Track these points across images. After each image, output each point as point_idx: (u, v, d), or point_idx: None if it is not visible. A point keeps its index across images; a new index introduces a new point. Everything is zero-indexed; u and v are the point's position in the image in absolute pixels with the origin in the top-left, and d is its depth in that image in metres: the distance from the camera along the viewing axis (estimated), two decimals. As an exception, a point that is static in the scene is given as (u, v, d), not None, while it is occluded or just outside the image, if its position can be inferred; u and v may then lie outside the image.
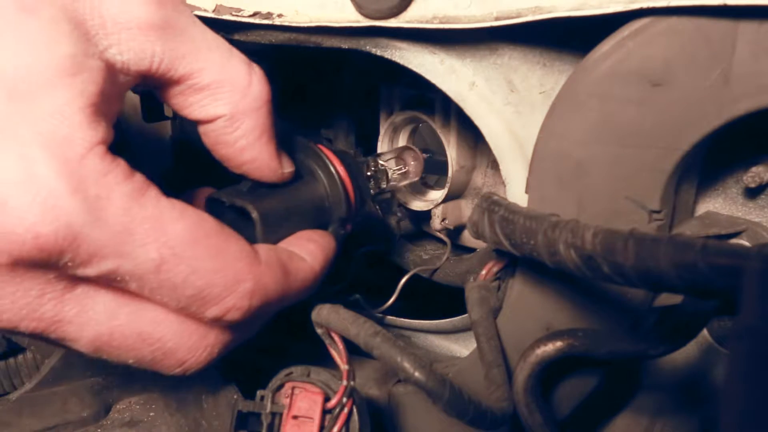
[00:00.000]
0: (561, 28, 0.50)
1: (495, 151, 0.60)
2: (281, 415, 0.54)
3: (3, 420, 0.71)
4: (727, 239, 0.53)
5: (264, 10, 0.61)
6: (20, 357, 0.85)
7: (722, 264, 0.36)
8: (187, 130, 0.89)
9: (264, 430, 0.53)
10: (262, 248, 0.51)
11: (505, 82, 0.58)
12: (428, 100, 0.76)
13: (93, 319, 0.45)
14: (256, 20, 0.61)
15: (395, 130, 0.81)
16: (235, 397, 0.62)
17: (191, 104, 0.50)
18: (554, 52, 0.57)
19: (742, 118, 0.45)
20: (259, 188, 0.58)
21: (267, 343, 0.77)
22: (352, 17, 0.58)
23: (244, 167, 0.55)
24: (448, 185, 0.76)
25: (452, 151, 0.75)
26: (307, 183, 0.62)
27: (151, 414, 0.76)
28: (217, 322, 0.49)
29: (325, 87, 0.85)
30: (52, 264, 0.40)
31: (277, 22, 0.61)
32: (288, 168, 0.58)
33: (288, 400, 0.55)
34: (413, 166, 0.77)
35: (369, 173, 0.71)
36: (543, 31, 0.52)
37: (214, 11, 0.63)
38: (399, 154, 0.77)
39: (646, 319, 0.54)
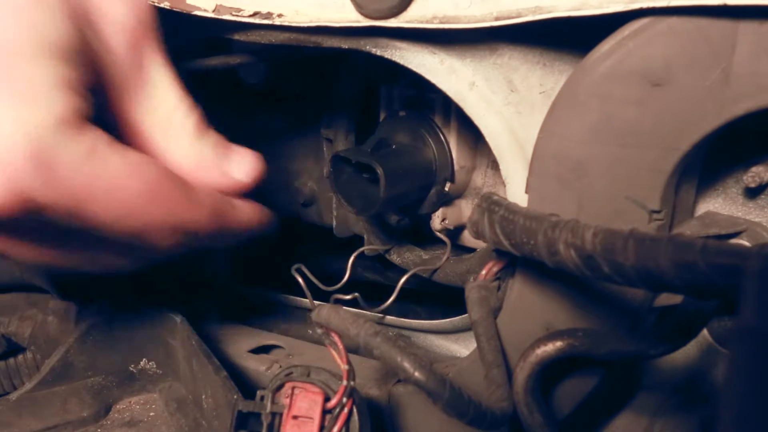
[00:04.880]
0: (561, 28, 0.50)
1: (495, 151, 0.60)
2: (281, 415, 0.54)
3: (3, 420, 0.71)
4: (727, 239, 0.53)
5: (264, 10, 0.61)
6: (20, 357, 0.85)
7: (722, 264, 0.36)
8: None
9: (264, 430, 0.53)
10: (202, 191, 0.56)
11: (505, 82, 0.58)
12: (428, 100, 0.76)
13: None
14: (256, 20, 0.61)
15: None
16: (235, 397, 0.62)
17: None
18: (554, 52, 0.57)
19: (742, 118, 0.45)
20: (381, 149, 0.71)
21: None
22: (352, 17, 0.58)
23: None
24: (448, 185, 0.76)
25: (452, 151, 0.75)
26: (419, 148, 0.74)
27: (151, 414, 0.76)
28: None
29: (325, 87, 0.85)
30: (13, 221, 0.45)
31: (277, 22, 0.61)
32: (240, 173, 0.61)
33: (288, 400, 0.55)
34: None
35: None
36: (543, 31, 0.52)
37: (214, 11, 0.63)
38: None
39: (646, 319, 0.54)
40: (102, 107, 0.51)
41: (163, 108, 0.55)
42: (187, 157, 0.56)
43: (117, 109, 0.54)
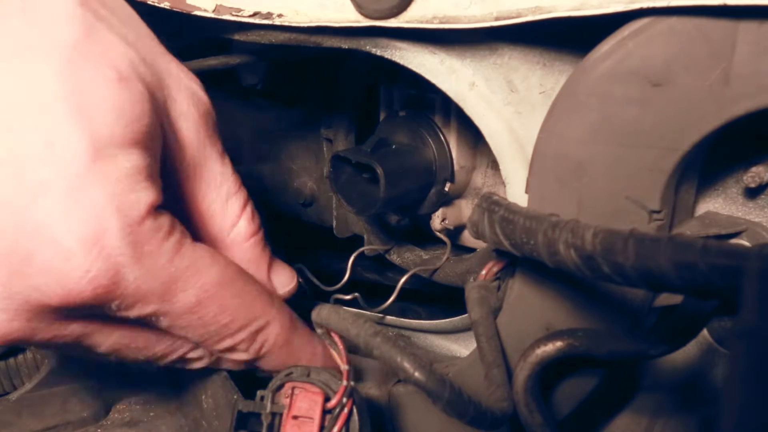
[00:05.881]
0: (561, 28, 0.50)
1: (495, 151, 0.60)
2: (281, 415, 0.54)
3: (3, 420, 0.71)
4: (727, 239, 0.53)
5: (264, 10, 0.61)
6: (20, 357, 0.85)
7: (722, 264, 0.36)
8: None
9: (264, 430, 0.53)
10: (277, 297, 0.58)
11: (505, 82, 0.58)
12: (428, 100, 0.76)
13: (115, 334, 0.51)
14: (256, 20, 0.61)
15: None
16: (235, 397, 0.62)
17: None
18: (554, 52, 0.57)
19: (742, 118, 0.45)
20: (381, 149, 0.71)
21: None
22: (352, 17, 0.58)
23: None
24: (448, 185, 0.76)
25: (452, 151, 0.75)
26: (418, 148, 0.74)
27: (151, 414, 0.76)
28: (220, 353, 0.55)
29: (325, 87, 0.85)
30: (99, 307, 0.45)
31: (277, 22, 0.61)
32: (285, 287, 0.63)
33: (288, 400, 0.55)
34: None
35: None
36: (543, 31, 0.52)
37: (214, 11, 0.63)
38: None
39: (646, 319, 0.54)
40: (166, 193, 0.51)
41: (222, 197, 0.56)
42: (241, 260, 0.57)
43: (180, 196, 0.55)
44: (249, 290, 0.53)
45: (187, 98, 0.53)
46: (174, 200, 0.53)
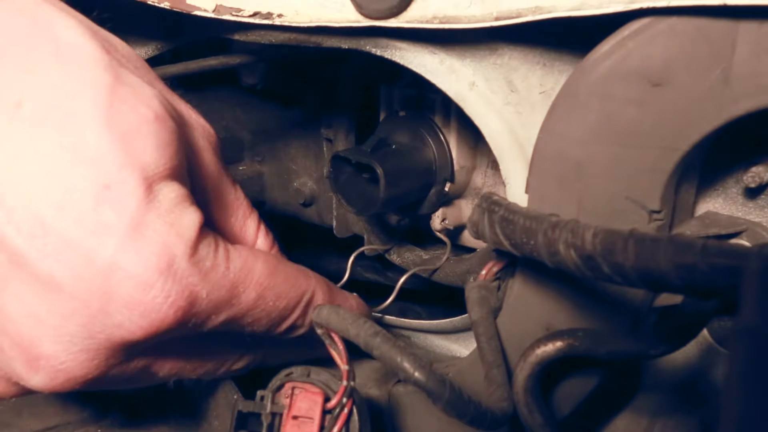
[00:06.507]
0: (561, 28, 0.50)
1: (495, 151, 0.60)
2: (281, 415, 0.54)
3: (3, 420, 0.71)
4: (727, 239, 0.53)
5: (264, 10, 0.61)
6: (20, 357, 0.85)
7: (722, 264, 0.36)
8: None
9: (264, 430, 0.53)
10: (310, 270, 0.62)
11: (505, 82, 0.58)
12: (428, 100, 0.76)
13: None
14: (256, 20, 0.61)
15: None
16: (235, 397, 0.62)
17: None
18: (554, 52, 0.57)
19: (742, 118, 0.45)
20: (381, 149, 0.72)
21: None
22: (352, 17, 0.58)
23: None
24: (448, 185, 0.76)
25: (452, 151, 0.75)
26: (419, 148, 0.74)
27: (151, 414, 0.76)
28: (282, 335, 0.57)
29: (325, 87, 0.85)
30: (178, 330, 0.48)
31: (277, 22, 0.61)
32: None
33: (288, 400, 0.55)
34: None
35: None
36: (543, 31, 0.52)
37: (214, 11, 0.63)
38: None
39: (646, 319, 0.54)
40: None
41: (239, 220, 0.60)
42: None
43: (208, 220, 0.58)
44: (290, 271, 0.57)
45: (201, 133, 0.56)
46: None
